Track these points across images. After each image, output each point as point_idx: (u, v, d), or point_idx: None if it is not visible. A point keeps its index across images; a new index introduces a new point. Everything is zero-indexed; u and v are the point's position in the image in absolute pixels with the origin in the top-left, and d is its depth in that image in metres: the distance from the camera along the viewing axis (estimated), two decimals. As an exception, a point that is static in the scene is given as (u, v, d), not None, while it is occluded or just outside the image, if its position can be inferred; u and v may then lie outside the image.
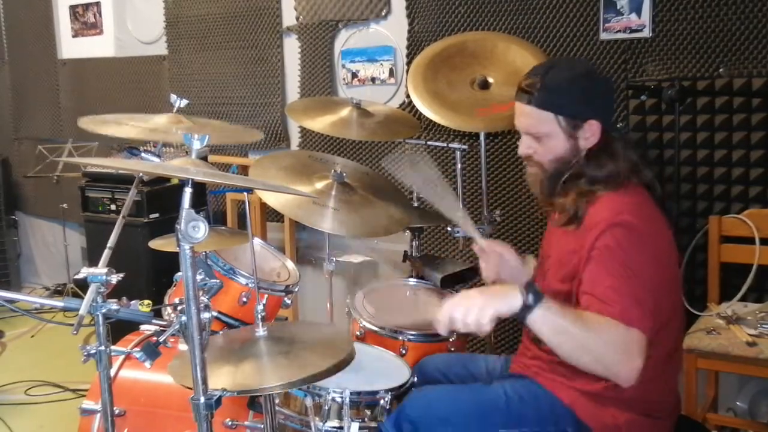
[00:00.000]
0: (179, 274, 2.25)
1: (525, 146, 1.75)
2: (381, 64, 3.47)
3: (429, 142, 2.90)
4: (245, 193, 2.34)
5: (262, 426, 1.82)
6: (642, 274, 1.52)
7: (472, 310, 1.47)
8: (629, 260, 1.53)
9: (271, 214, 3.70)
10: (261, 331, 1.73)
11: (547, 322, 1.47)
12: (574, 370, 1.56)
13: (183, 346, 2.13)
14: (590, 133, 1.67)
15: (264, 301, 1.74)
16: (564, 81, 1.68)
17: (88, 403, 2.03)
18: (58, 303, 1.59)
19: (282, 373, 1.57)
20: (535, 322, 1.47)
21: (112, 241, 1.92)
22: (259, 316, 1.72)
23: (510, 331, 3.11)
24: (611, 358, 1.47)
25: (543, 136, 1.70)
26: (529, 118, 1.71)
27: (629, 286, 1.50)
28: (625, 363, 1.46)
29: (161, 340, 1.69)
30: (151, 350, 1.63)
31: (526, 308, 1.46)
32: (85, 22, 4.72)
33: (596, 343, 1.46)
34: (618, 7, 2.77)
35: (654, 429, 1.68)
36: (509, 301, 1.47)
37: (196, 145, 1.65)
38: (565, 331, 1.47)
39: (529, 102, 1.69)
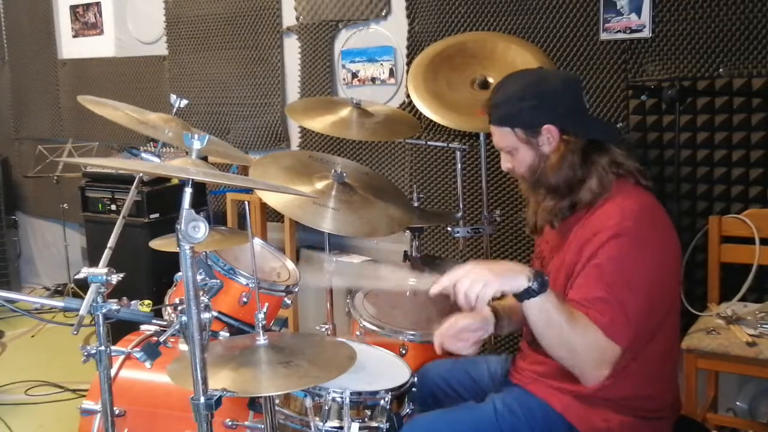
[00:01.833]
0: (179, 274, 2.25)
1: (503, 161, 1.80)
2: (381, 64, 3.47)
3: (429, 142, 2.90)
4: (245, 193, 2.34)
5: (262, 426, 1.82)
6: (636, 285, 1.54)
7: (477, 284, 1.47)
8: (626, 271, 1.54)
9: (271, 214, 3.70)
10: (262, 339, 1.71)
11: (543, 311, 1.49)
12: (568, 373, 1.57)
13: (183, 347, 2.13)
14: (549, 138, 1.69)
15: (265, 310, 1.72)
16: (511, 94, 1.72)
17: (88, 403, 2.02)
18: (58, 303, 1.59)
19: (280, 382, 1.57)
20: (531, 307, 1.49)
21: (112, 241, 1.92)
22: (260, 324, 1.71)
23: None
24: (585, 359, 1.52)
25: (512, 150, 1.75)
26: (495, 135, 1.77)
27: (620, 300, 1.52)
28: (595, 368, 1.52)
29: (161, 340, 1.69)
30: (152, 350, 1.63)
31: (528, 293, 1.47)
32: (86, 22, 4.73)
33: (578, 343, 1.50)
34: (618, 7, 2.77)
35: (650, 430, 1.68)
36: (515, 282, 1.47)
37: (196, 146, 1.65)
38: (555, 324, 1.50)
39: (491, 121, 1.76)
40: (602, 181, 1.66)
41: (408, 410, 1.89)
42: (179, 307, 1.42)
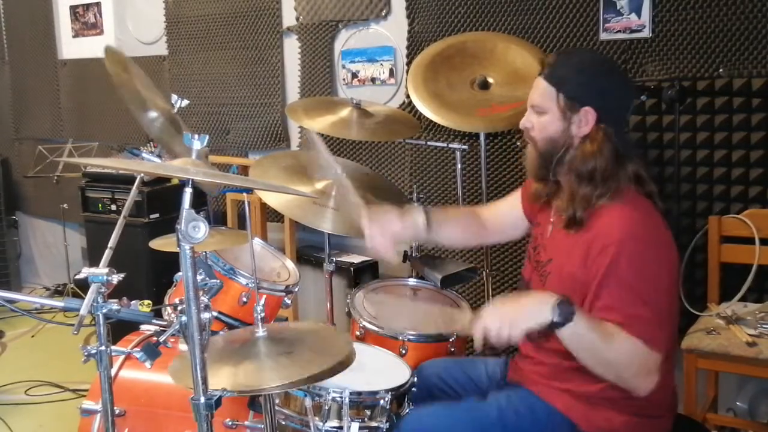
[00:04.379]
0: (179, 274, 2.25)
1: (526, 119, 1.76)
2: (381, 64, 3.47)
3: (429, 142, 2.90)
4: (245, 194, 2.34)
5: (262, 426, 1.82)
6: (662, 293, 1.56)
7: (504, 326, 1.51)
8: (649, 281, 1.55)
9: (271, 214, 3.70)
10: (261, 331, 1.72)
11: (576, 337, 1.51)
12: (571, 373, 1.57)
13: (183, 347, 2.13)
14: (584, 120, 1.66)
15: (263, 302, 1.73)
16: (577, 63, 1.71)
17: (88, 403, 2.02)
18: (58, 303, 1.59)
19: (282, 373, 1.57)
20: (563, 336, 1.52)
21: (112, 242, 1.92)
22: (259, 317, 1.72)
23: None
24: (631, 374, 1.54)
25: (542, 112, 1.71)
26: (537, 90, 1.73)
27: (653, 311, 1.53)
28: (644, 378, 1.54)
29: (161, 340, 1.69)
30: (152, 350, 1.63)
31: (555, 325, 1.49)
32: (86, 23, 4.73)
33: (619, 360, 1.53)
34: (618, 7, 2.77)
35: (651, 428, 1.69)
36: (539, 317, 1.50)
37: (196, 146, 1.65)
38: (591, 346, 1.52)
39: (540, 74, 1.71)
40: (618, 186, 1.65)
41: (408, 410, 1.89)
42: (179, 307, 1.42)
